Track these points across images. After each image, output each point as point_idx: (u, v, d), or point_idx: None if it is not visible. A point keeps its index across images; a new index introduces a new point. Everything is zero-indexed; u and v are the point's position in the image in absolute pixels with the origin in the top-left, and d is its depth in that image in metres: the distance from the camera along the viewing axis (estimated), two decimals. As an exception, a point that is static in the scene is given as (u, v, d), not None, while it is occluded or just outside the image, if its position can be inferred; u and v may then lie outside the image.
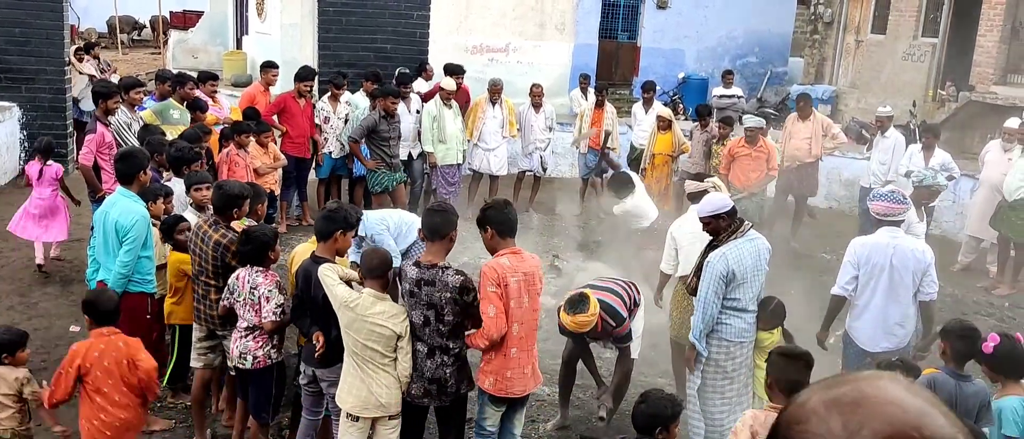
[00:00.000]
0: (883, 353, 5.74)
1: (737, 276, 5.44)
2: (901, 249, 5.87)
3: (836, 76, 20.19)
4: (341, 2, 12.96)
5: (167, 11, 24.99)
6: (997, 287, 10.03)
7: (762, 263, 5.61)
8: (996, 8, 15.69)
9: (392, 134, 10.05)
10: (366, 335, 4.73)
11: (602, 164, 12.11)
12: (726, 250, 5.47)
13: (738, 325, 5.60)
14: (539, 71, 17.41)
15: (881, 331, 5.94)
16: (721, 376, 5.67)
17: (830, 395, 1.20)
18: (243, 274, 5.32)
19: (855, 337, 6.08)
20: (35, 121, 12.56)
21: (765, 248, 5.68)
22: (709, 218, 5.56)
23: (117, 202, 5.87)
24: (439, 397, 4.99)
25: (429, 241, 4.94)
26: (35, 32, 12.31)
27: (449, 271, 4.86)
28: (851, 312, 6.10)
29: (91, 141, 7.85)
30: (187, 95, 9.42)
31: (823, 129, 11.19)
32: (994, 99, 15.35)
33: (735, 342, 5.62)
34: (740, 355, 5.69)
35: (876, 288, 5.91)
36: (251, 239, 5.30)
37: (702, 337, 5.58)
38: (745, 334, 5.66)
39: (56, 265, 9.05)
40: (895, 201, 5.99)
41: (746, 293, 5.55)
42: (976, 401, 4.71)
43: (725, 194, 6.09)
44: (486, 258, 5.15)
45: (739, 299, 5.52)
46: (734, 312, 5.56)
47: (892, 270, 5.85)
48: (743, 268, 5.46)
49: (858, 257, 5.94)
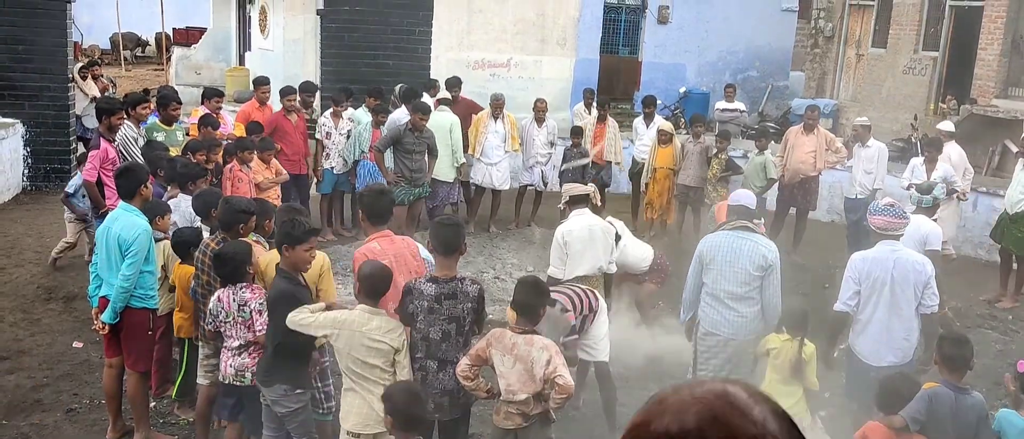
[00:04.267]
0: (888, 367, 5.73)
1: (705, 259, 6.04)
2: (901, 262, 5.87)
3: (837, 90, 20.22)
4: (343, 19, 13.03)
5: (170, 28, 25.10)
6: (1000, 300, 10.01)
7: (742, 261, 5.89)
8: (996, 21, 15.72)
9: (417, 148, 10.09)
10: (365, 352, 4.71)
11: (604, 177, 12.15)
12: (709, 235, 6.24)
13: (711, 315, 6.05)
14: (541, 86, 17.45)
15: (885, 346, 5.93)
16: (700, 361, 6.15)
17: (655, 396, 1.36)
18: (225, 295, 5.30)
19: (859, 352, 6.06)
20: (38, 138, 12.61)
21: (756, 251, 5.88)
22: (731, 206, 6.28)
23: (119, 217, 5.88)
24: (450, 410, 5.00)
25: (443, 255, 4.95)
26: (39, 49, 12.38)
27: (467, 282, 4.95)
28: (854, 328, 6.08)
29: (95, 157, 7.88)
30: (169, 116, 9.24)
31: (826, 143, 11.20)
32: (995, 112, 15.37)
33: (709, 332, 6.07)
34: (716, 348, 6.04)
35: (878, 303, 5.90)
36: (227, 260, 5.31)
37: (685, 310, 6.33)
38: (720, 327, 6.00)
39: (58, 281, 9.07)
40: (896, 215, 6.01)
41: (715, 281, 5.99)
42: (974, 414, 4.71)
43: (749, 193, 6.75)
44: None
45: (708, 284, 6.04)
46: (707, 298, 6.07)
47: (893, 284, 5.85)
48: (713, 254, 6.00)
49: (859, 272, 5.94)
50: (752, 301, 5.94)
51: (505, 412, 4.88)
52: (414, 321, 4.90)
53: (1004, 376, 4.66)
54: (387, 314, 4.86)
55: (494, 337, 4.83)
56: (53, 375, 7.02)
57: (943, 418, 4.60)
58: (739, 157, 12.72)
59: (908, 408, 4.55)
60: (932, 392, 4.65)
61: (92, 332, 7.42)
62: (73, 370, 7.14)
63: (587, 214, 6.88)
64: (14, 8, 12.18)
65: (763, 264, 5.87)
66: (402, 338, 4.80)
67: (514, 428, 4.91)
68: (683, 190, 11.62)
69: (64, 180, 12.71)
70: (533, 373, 4.71)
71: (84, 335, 7.69)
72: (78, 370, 7.14)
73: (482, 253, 10.64)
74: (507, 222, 12.27)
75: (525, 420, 4.84)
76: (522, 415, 4.82)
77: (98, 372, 6.83)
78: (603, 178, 12.26)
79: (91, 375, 6.97)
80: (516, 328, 4.81)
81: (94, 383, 6.70)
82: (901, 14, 18.13)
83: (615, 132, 12.32)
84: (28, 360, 7.28)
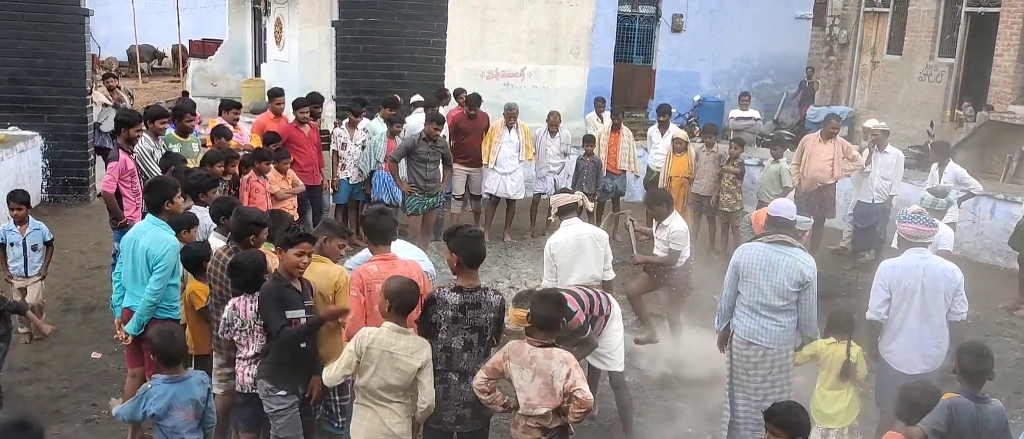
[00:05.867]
0: (919, 375, 5.66)
1: (741, 271, 5.96)
2: (931, 270, 5.84)
3: (852, 97, 20.14)
4: (358, 29, 13.08)
5: (186, 40, 25.31)
6: (1019, 308, 9.94)
7: (779, 275, 5.80)
8: (1013, 28, 15.62)
9: (431, 158, 10.10)
10: (389, 372, 4.66)
11: (619, 186, 12.15)
12: (745, 245, 6.20)
13: (747, 323, 5.97)
14: (554, 95, 17.49)
15: (917, 353, 5.86)
16: (740, 371, 6.07)
17: None
18: (240, 304, 5.28)
19: (891, 361, 5.98)
20: (57, 150, 12.72)
21: (794, 266, 5.80)
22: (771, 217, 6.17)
23: (147, 230, 5.92)
24: (473, 422, 4.99)
25: (468, 266, 4.93)
26: (57, 62, 12.49)
27: (490, 292, 4.97)
28: (884, 336, 6.00)
29: (113, 168, 7.93)
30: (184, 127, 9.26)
31: (843, 151, 11.14)
32: (1012, 118, 15.27)
33: (743, 341, 5.99)
34: (755, 357, 5.95)
35: (909, 310, 5.85)
36: (243, 268, 5.30)
37: (719, 320, 6.25)
38: (758, 337, 5.93)
39: (76, 292, 9.12)
40: (925, 223, 6.02)
41: (752, 294, 5.91)
42: (995, 422, 4.67)
43: (790, 203, 6.62)
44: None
45: (743, 296, 5.97)
46: (742, 308, 6.00)
47: (924, 292, 5.80)
48: (748, 266, 5.92)
49: (889, 280, 5.88)
50: (790, 312, 5.89)
51: (524, 426, 4.85)
52: (436, 331, 4.89)
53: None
54: (414, 333, 4.82)
55: (512, 350, 4.82)
56: (72, 386, 7.06)
57: (964, 429, 4.55)
58: (754, 165, 12.70)
59: (927, 419, 4.51)
60: (952, 402, 4.61)
61: (111, 342, 7.48)
62: (92, 381, 7.18)
63: (577, 223, 6.83)
64: (33, 22, 12.30)
65: (801, 279, 5.79)
66: (427, 355, 4.74)
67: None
68: (697, 199, 11.60)
69: (82, 192, 12.87)
70: (553, 387, 4.69)
71: (103, 346, 7.74)
72: (97, 380, 7.18)
73: (497, 262, 10.65)
74: (522, 231, 12.28)
75: (544, 434, 4.81)
76: (541, 429, 4.80)
77: (117, 383, 6.87)
78: (618, 187, 12.26)
79: (109, 386, 7.01)
80: (534, 341, 4.79)
81: (113, 393, 6.73)
82: (916, 21, 18.04)
83: (630, 141, 12.32)
84: (47, 371, 7.32)
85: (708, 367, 7.39)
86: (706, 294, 8.93)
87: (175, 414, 4.77)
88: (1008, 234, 10.58)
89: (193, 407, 4.84)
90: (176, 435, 4.80)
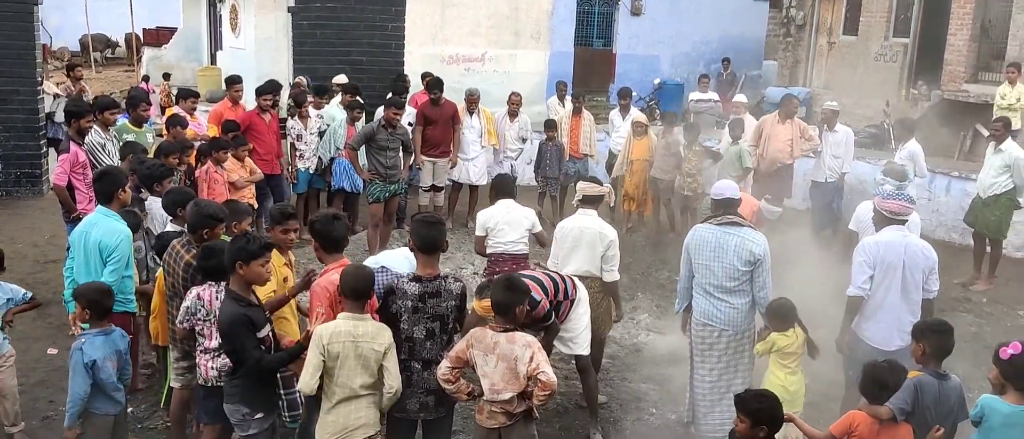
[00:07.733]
0: (896, 351, 5.70)
1: (692, 252, 6.04)
2: (912, 248, 5.90)
3: (810, 78, 20.35)
4: (315, 15, 12.94)
5: (140, 28, 24.84)
6: (974, 283, 10.13)
7: (728, 255, 5.83)
8: (965, 7, 15.87)
9: (391, 144, 9.96)
10: (355, 362, 4.55)
11: (580, 170, 12.15)
12: (696, 227, 6.16)
13: (702, 305, 6.04)
14: (515, 80, 17.44)
15: (896, 330, 5.89)
16: (697, 352, 6.16)
17: None
18: (205, 292, 5.09)
19: (867, 337, 5.98)
20: (8, 141, 12.45)
21: (743, 245, 5.80)
22: (714, 200, 6.21)
23: (99, 222, 5.80)
24: (436, 409, 4.97)
25: (425, 254, 4.89)
26: (7, 52, 12.21)
27: (449, 279, 4.91)
28: (862, 312, 6.00)
29: (65, 160, 7.76)
30: (139, 117, 9.11)
31: (800, 131, 11.27)
32: (966, 97, 15.53)
33: (699, 322, 6.07)
34: (710, 338, 6.02)
35: (890, 287, 5.87)
36: (214, 253, 5.03)
37: (678, 302, 6.34)
38: (713, 318, 5.98)
39: (31, 287, 8.91)
40: (908, 200, 6.10)
41: (703, 275, 5.97)
42: (956, 397, 4.75)
43: (732, 183, 6.50)
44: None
45: (697, 277, 6.04)
46: (697, 289, 6.07)
47: (905, 269, 5.86)
48: (699, 247, 5.98)
49: (872, 256, 5.90)
50: (743, 293, 5.91)
51: (488, 411, 4.84)
52: (397, 322, 4.84)
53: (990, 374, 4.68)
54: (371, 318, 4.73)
55: (475, 337, 4.79)
56: (28, 382, 6.92)
57: (927, 406, 4.64)
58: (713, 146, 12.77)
59: (895, 399, 4.56)
60: (917, 381, 4.67)
61: (67, 338, 7.33)
62: (48, 377, 7.06)
63: (591, 216, 6.66)
64: (-21, 11, 12.01)
65: (750, 258, 5.80)
66: (389, 340, 4.66)
67: (498, 427, 4.87)
68: (653, 182, 11.67)
69: (36, 184, 12.60)
70: (517, 371, 4.68)
71: (58, 342, 7.60)
72: (53, 377, 7.05)
73: (461, 249, 10.61)
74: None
75: (509, 419, 4.81)
76: (506, 414, 4.80)
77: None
78: (580, 171, 12.27)
79: (66, 381, 6.84)
80: (496, 326, 4.77)
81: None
82: (871, 2, 18.27)
83: (591, 125, 12.33)
84: (2, 368, 7.16)
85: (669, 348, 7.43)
86: (668, 275, 8.99)
87: (107, 365, 5.06)
88: (963, 211, 10.75)
89: (117, 358, 5.14)
90: (108, 386, 5.10)
